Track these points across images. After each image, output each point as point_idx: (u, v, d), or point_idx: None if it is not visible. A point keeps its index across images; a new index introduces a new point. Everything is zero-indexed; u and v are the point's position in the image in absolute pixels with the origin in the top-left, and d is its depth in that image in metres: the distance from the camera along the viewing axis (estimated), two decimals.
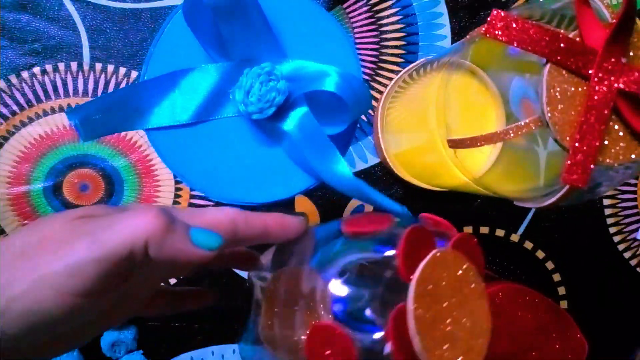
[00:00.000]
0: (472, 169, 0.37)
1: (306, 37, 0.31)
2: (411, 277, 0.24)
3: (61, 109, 0.49)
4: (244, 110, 0.30)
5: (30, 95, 0.49)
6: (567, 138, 0.28)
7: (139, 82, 0.31)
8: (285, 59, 0.31)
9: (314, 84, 0.29)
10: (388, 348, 0.24)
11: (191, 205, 0.50)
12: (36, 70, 0.49)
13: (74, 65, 0.49)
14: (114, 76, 0.49)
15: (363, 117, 0.51)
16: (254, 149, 0.32)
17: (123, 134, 0.49)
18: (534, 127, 0.29)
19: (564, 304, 0.54)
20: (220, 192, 0.32)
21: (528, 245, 0.53)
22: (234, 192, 0.32)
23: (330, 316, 0.26)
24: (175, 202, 0.50)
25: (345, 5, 0.51)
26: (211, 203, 0.50)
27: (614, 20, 0.27)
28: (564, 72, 0.28)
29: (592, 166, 0.28)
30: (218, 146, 0.32)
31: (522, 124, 0.29)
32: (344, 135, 0.31)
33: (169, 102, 0.31)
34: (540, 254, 0.53)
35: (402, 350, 0.24)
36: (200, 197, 0.50)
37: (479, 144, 0.32)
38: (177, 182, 0.50)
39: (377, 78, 0.51)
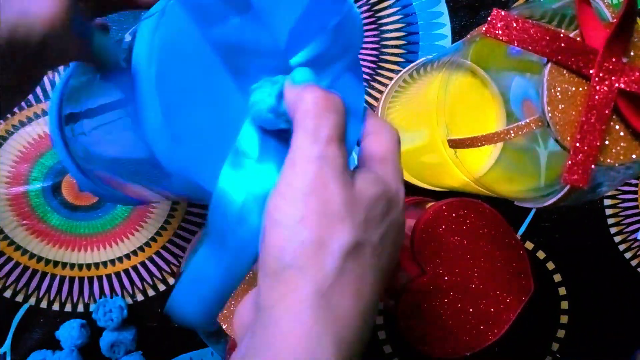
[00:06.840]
0: (473, 169, 0.37)
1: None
2: None
3: None
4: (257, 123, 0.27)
5: (29, 95, 0.48)
6: (568, 138, 0.28)
7: None
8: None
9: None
10: None
11: (189, 204, 0.50)
12: None
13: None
14: None
15: None
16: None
17: None
18: (534, 127, 0.29)
19: (564, 305, 0.54)
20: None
21: (529, 245, 0.53)
22: None
23: None
24: (173, 202, 0.50)
25: None
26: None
27: (615, 20, 0.27)
28: (564, 71, 0.28)
29: (592, 166, 0.28)
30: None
31: (523, 123, 0.29)
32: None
33: None
34: (541, 255, 0.53)
35: None
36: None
37: (479, 144, 0.32)
38: None
39: (377, 78, 0.51)
